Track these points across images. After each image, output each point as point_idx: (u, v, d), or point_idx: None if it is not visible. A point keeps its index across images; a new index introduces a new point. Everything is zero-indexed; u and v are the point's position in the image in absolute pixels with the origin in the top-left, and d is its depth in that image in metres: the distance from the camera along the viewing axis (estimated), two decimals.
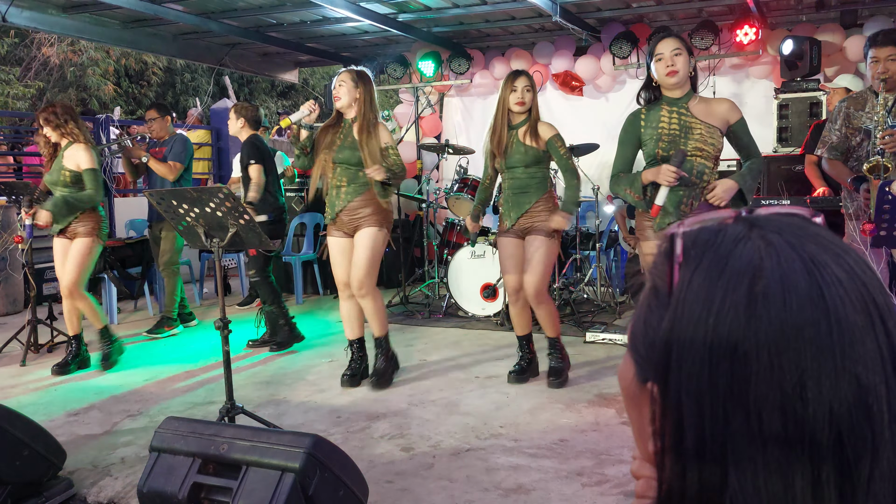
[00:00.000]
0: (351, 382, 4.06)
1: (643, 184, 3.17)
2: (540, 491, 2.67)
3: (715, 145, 3.16)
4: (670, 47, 3.13)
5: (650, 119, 3.23)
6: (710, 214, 0.56)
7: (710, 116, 3.18)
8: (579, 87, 7.16)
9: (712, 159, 3.18)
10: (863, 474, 0.48)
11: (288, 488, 2.02)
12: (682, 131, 3.15)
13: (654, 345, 0.54)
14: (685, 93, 3.20)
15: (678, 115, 3.17)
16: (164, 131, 5.57)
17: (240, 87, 16.30)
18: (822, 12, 6.53)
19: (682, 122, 3.16)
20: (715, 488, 0.50)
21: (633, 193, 3.22)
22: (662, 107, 3.21)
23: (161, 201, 3.13)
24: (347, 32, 7.45)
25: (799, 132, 5.71)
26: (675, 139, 3.14)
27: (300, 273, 6.66)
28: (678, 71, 3.12)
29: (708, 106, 3.22)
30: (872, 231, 3.18)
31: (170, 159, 5.41)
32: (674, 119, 3.17)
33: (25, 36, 13.61)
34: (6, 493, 2.53)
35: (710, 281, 0.51)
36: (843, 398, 0.48)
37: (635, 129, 3.28)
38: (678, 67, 3.12)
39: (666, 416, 0.52)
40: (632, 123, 3.30)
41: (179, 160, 5.43)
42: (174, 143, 5.49)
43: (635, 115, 3.30)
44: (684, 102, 3.19)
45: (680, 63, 3.12)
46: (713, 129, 3.16)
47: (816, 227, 0.54)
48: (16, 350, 4.93)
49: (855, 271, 0.51)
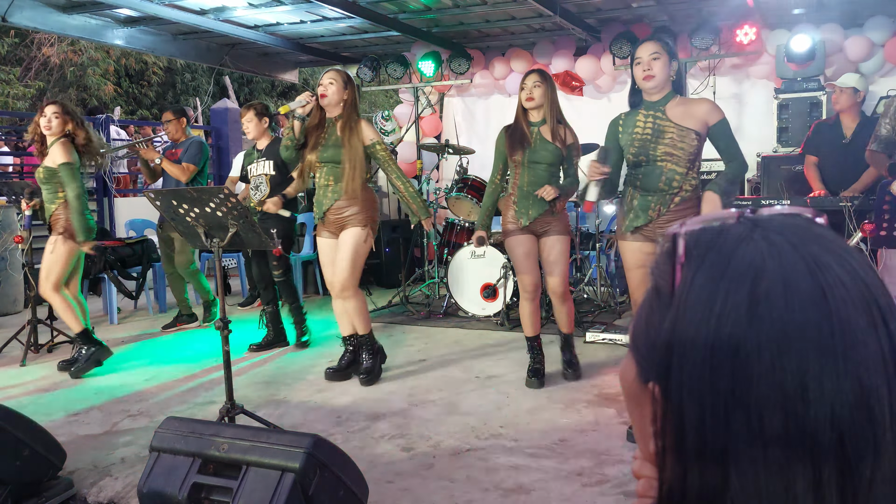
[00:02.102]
0: (334, 377, 4.12)
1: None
2: (540, 491, 2.67)
3: (685, 149, 3.10)
4: (648, 51, 3.12)
5: (627, 124, 3.25)
6: (713, 214, 0.56)
7: (686, 118, 3.12)
8: (579, 87, 7.16)
9: (684, 163, 3.11)
10: (864, 476, 0.48)
11: (288, 488, 2.02)
12: (653, 136, 3.14)
13: (655, 345, 0.54)
14: (664, 95, 3.17)
15: (653, 119, 3.16)
16: (179, 133, 5.60)
17: (240, 87, 16.30)
18: (821, 12, 6.53)
19: (655, 126, 3.14)
20: (716, 489, 0.50)
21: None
22: (640, 111, 3.22)
23: (161, 201, 3.13)
24: (347, 32, 7.45)
25: (799, 132, 5.71)
26: (646, 144, 3.15)
27: (300, 273, 6.66)
28: (654, 75, 3.11)
29: (687, 107, 3.16)
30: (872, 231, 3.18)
31: (184, 161, 5.45)
32: (648, 123, 3.17)
33: (25, 36, 13.61)
34: (6, 493, 2.53)
35: (712, 281, 0.51)
36: (844, 399, 0.48)
37: (614, 134, 3.31)
38: (655, 72, 3.10)
39: (667, 416, 0.52)
40: (611, 130, 3.33)
41: (194, 162, 5.45)
42: (189, 146, 5.52)
43: (614, 122, 3.33)
44: (661, 105, 3.16)
45: (657, 67, 3.10)
46: (686, 132, 3.10)
47: (819, 228, 0.54)
48: (16, 350, 4.93)
49: (857, 272, 0.51)
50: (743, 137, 6.36)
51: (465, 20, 6.95)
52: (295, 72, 9.50)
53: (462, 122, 7.99)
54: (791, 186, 5.23)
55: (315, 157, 3.97)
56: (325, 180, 3.97)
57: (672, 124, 3.12)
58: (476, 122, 8.00)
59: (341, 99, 3.93)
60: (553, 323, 5.39)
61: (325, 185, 3.97)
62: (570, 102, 7.46)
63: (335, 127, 3.96)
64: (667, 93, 3.18)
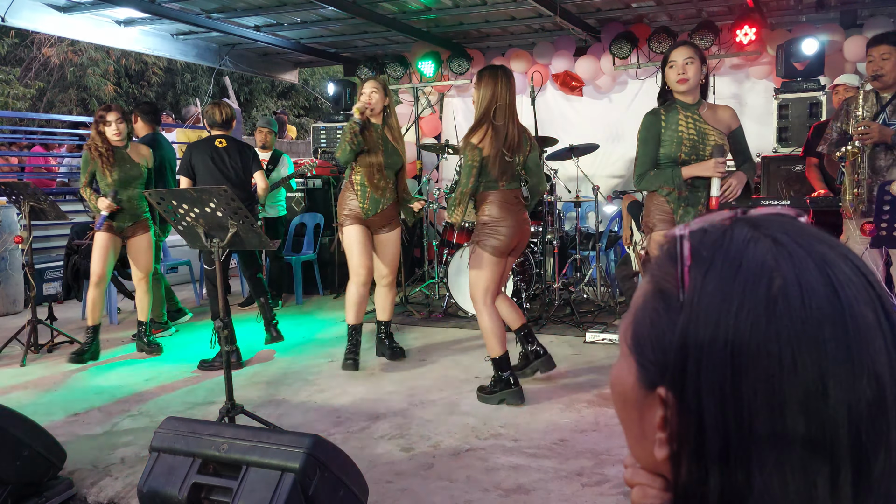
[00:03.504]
0: (354, 365, 4.34)
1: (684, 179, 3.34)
2: (540, 491, 2.67)
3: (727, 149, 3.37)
4: (683, 56, 3.30)
5: (669, 121, 3.39)
6: (706, 217, 0.56)
7: (717, 122, 3.38)
8: (579, 87, 7.16)
9: None
10: (874, 470, 0.48)
11: (288, 488, 2.02)
12: (699, 137, 3.35)
13: (666, 349, 0.53)
14: (697, 100, 3.38)
15: (694, 122, 3.36)
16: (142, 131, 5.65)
17: (240, 87, 16.30)
18: (821, 12, 6.53)
19: (698, 129, 3.35)
20: (738, 492, 0.49)
21: (673, 189, 3.38)
22: (679, 110, 3.38)
23: (161, 201, 3.13)
24: (347, 32, 7.46)
25: (799, 132, 5.71)
26: (696, 145, 3.33)
27: (300, 273, 6.66)
28: (689, 79, 3.30)
29: (715, 112, 3.41)
30: (872, 231, 3.19)
31: None
32: (690, 125, 3.35)
33: (25, 36, 13.61)
34: (6, 493, 2.53)
35: (725, 282, 0.51)
36: (861, 395, 0.48)
37: (657, 128, 3.41)
38: (689, 76, 3.30)
39: (683, 419, 0.52)
40: (653, 123, 3.43)
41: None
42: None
43: (655, 115, 3.44)
44: (696, 109, 3.37)
45: (691, 72, 3.30)
46: (722, 134, 3.36)
47: (813, 227, 0.54)
48: (16, 350, 4.93)
49: (860, 270, 0.52)
50: None
51: (465, 20, 6.95)
52: (295, 72, 9.50)
53: (462, 122, 7.98)
54: (791, 187, 5.23)
55: (379, 161, 4.25)
56: (385, 182, 4.30)
57: (711, 127, 3.36)
58: None
59: (383, 106, 4.29)
60: (554, 323, 5.40)
61: (384, 188, 4.30)
62: (569, 102, 7.47)
63: (385, 135, 4.30)
64: (699, 97, 3.39)
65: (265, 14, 6.67)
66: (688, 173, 3.34)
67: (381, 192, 4.29)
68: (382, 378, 4.20)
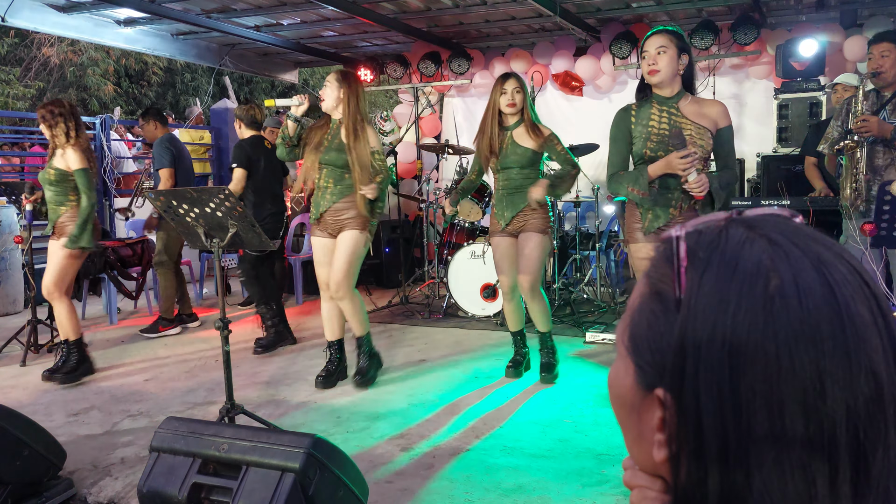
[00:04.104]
0: (324, 383, 4.03)
1: (649, 179, 3.03)
2: (540, 491, 2.67)
3: (704, 147, 3.03)
4: (655, 45, 3.00)
5: (640, 116, 3.13)
6: (701, 218, 0.56)
7: (701, 117, 3.06)
8: (579, 87, 7.16)
9: (702, 161, 3.02)
10: (873, 468, 0.49)
11: (288, 488, 2.02)
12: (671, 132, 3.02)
13: (664, 350, 0.53)
14: (675, 92, 3.08)
15: (668, 115, 3.07)
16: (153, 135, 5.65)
17: (240, 87, 16.29)
18: (821, 12, 6.53)
19: (672, 123, 3.04)
20: (738, 492, 0.49)
21: (637, 191, 3.04)
22: (653, 104, 3.11)
23: (161, 201, 3.13)
24: (347, 32, 7.46)
25: (799, 132, 5.71)
26: (664, 140, 3.02)
27: (300, 273, 6.66)
28: (659, 70, 2.99)
29: (700, 106, 3.10)
30: (872, 231, 3.18)
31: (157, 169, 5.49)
32: (664, 119, 3.06)
33: (25, 36, 13.61)
34: (6, 493, 2.53)
35: (722, 283, 0.51)
36: (859, 393, 0.48)
37: (626, 124, 3.18)
38: (660, 66, 2.99)
39: (682, 420, 0.52)
40: (622, 119, 3.20)
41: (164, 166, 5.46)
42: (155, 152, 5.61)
43: (625, 111, 3.21)
44: (674, 102, 3.08)
45: (663, 62, 2.99)
46: (703, 130, 3.04)
47: (808, 227, 0.55)
48: (16, 350, 4.93)
49: (855, 269, 0.52)
50: (743, 137, 6.40)
51: (465, 20, 6.95)
52: (295, 72, 9.50)
53: (462, 123, 7.98)
54: (791, 186, 5.23)
55: (316, 157, 3.96)
56: (325, 182, 3.95)
57: (688, 121, 3.04)
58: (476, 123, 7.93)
59: (338, 99, 3.91)
60: (554, 323, 5.39)
61: (325, 187, 3.95)
62: (569, 102, 7.47)
63: (339, 130, 3.92)
64: (678, 90, 3.08)
65: (265, 14, 6.67)
66: (653, 172, 3.01)
67: (321, 192, 3.96)
68: (382, 378, 4.20)
